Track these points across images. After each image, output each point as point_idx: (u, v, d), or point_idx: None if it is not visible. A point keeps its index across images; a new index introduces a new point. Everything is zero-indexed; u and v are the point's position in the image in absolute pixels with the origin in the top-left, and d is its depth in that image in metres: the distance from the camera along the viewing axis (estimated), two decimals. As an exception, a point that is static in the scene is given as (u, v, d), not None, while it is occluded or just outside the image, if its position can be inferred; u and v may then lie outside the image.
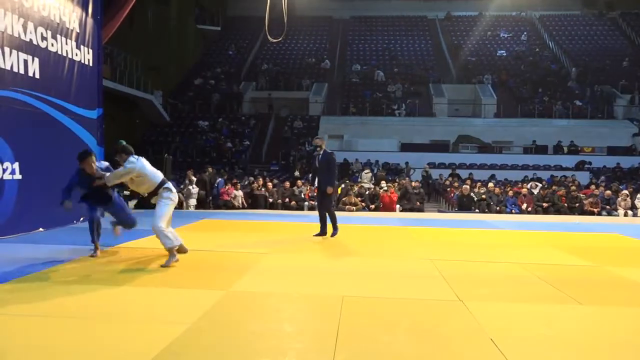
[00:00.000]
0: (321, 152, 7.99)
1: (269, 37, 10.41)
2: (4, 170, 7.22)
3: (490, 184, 15.58)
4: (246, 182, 15.27)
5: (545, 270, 5.65)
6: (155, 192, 5.68)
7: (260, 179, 15.10)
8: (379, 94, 26.27)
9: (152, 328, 3.53)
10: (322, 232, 7.97)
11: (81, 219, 8.51)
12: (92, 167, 5.87)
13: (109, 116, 10.69)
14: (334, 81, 28.66)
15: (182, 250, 5.81)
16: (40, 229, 7.85)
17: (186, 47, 29.50)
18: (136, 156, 5.67)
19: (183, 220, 9.68)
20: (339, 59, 31.30)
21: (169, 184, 5.77)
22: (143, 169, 5.58)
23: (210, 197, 14.05)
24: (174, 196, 5.77)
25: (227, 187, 14.00)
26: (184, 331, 3.42)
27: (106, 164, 6.30)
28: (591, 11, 33.89)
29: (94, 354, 3.07)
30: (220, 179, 14.56)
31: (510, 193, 14.59)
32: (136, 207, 11.03)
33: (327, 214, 7.96)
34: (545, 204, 14.04)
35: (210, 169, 14.95)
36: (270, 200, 13.99)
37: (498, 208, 13.84)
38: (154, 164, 5.99)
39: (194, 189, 13.42)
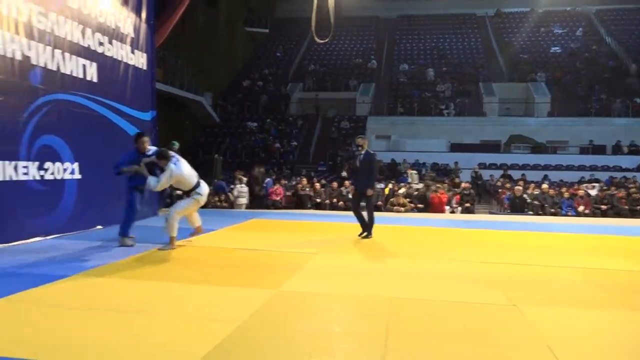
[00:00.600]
0: (363, 152, 7.85)
1: (315, 38, 10.40)
2: (65, 170, 7.56)
3: (544, 185, 15.02)
4: (294, 182, 15.37)
5: (604, 276, 5.40)
6: (188, 194, 6.43)
7: (305, 179, 15.16)
8: (428, 94, 25.92)
9: (204, 325, 3.59)
10: (365, 230, 7.91)
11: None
12: (144, 146, 6.78)
13: (160, 118, 11.00)
14: (381, 81, 28.48)
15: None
16: (99, 227, 8.16)
17: (235, 49, 30.08)
18: (175, 158, 6.32)
19: (233, 220, 9.85)
20: (386, 59, 31.07)
21: (201, 188, 6.49)
22: (181, 173, 6.28)
23: (263, 194, 14.14)
24: (202, 199, 6.56)
25: (275, 187, 14.13)
26: (234, 329, 3.47)
27: (154, 148, 7.08)
28: (652, 4, 32.24)
29: (146, 350, 3.15)
30: (269, 179, 14.71)
31: (566, 195, 14.03)
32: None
33: (365, 212, 7.93)
34: (603, 207, 13.43)
35: (258, 168, 15.08)
36: (318, 200, 14.01)
37: (553, 210, 13.34)
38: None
39: (243, 189, 13.61)
